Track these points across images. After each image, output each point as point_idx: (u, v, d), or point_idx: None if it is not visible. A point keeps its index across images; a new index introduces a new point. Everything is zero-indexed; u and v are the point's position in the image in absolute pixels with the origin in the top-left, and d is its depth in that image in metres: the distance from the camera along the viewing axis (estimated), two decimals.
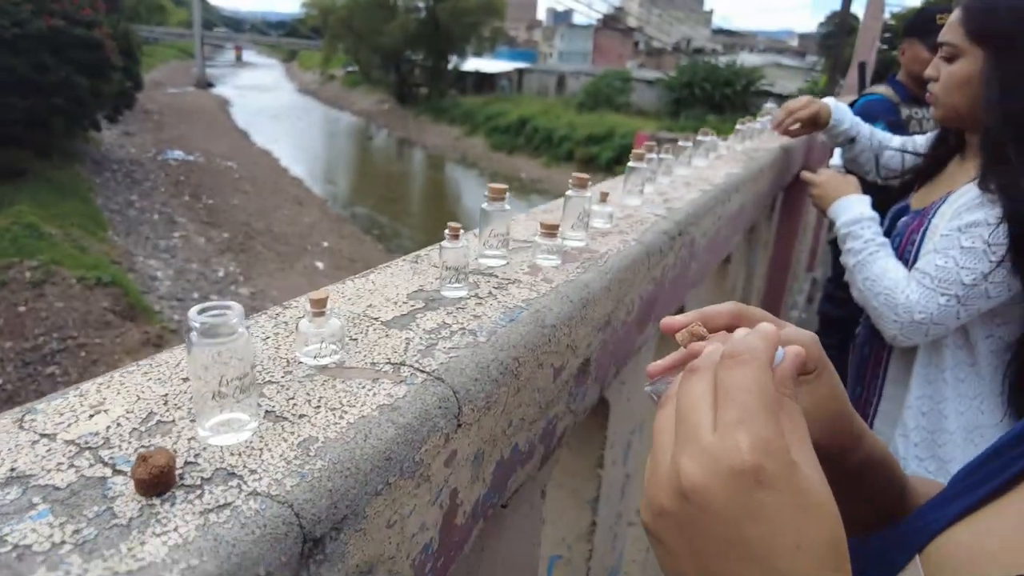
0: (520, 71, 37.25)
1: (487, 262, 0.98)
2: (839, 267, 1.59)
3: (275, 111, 33.40)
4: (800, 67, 33.84)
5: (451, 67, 35.74)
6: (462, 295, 0.86)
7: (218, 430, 0.53)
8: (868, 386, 1.56)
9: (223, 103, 34.06)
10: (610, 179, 1.64)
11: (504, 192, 0.96)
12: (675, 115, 25.47)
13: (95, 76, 15.03)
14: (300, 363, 0.66)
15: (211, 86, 40.91)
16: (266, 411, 0.58)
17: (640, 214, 1.35)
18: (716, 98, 25.34)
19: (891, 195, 1.71)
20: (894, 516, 0.56)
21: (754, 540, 0.37)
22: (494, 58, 38.20)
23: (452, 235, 0.84)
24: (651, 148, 1.58)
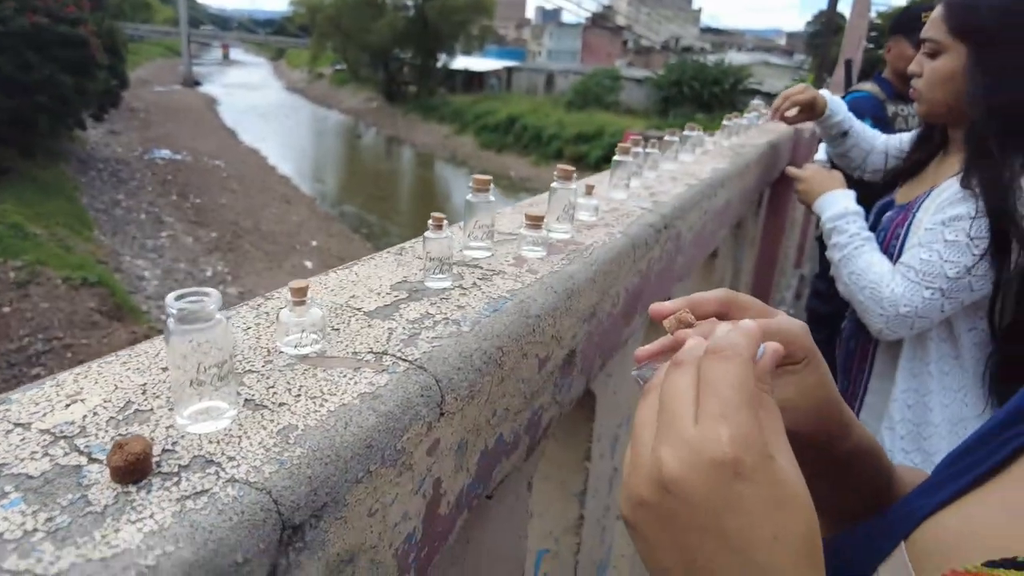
0: (509, 70, 37.21)
1: (472, 254, 0.98)
2: (827, 263, 1.60)
3: (263, 109, 33.17)
4: (788, 66, 34.00)
5: (440, 65, 35.65)
6: (446, 286, 0.86)
7: (197, 418, 0.53)
8: (854, 380, 1.57)
9: (210, 101, 33.80)
10: (596, 175, 1.64)
11: (488, 183, 0.96)
12: (664, 113, 25.55)
13: (80, 74, 14.88)
14: (281, 352, 0.66)
15: (198, 84, 40.60)
16: (246, 399, 0.57)
17: (626, 207, 1.35)
18: (704, 96, 25.44)
19: (876, 190, 1.72)
20: (881, 505, 0.56)
21: (733, 531, 0.37)
22: (483, 56, 38.13)
23: (436, 225, 0.84)
24: (637, 143, 1.58)
